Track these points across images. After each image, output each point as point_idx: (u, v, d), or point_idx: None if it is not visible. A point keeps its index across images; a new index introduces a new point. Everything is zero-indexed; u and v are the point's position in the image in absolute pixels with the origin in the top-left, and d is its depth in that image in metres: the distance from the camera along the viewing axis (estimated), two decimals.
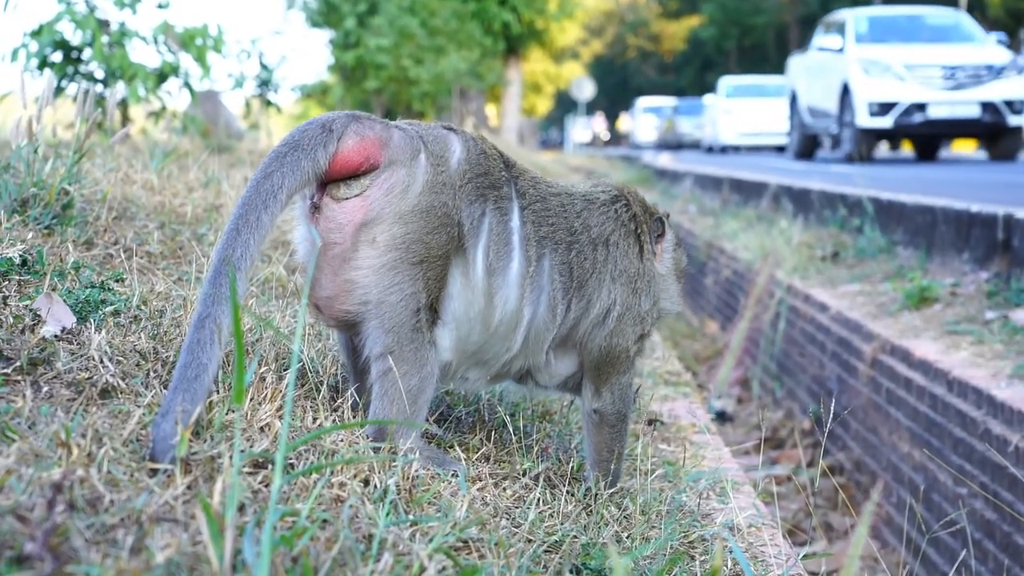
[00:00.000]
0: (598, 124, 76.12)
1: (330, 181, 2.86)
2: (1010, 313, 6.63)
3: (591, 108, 75.91)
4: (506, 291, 3.04)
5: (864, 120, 18.68)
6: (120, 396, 2.64)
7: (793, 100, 23.43)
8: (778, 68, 73.00)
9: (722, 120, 34.77)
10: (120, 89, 10.46)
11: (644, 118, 56.52)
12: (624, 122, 76.24)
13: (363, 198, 2.85)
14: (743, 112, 34.36)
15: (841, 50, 20.02)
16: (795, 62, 23.64)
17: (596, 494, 3.28)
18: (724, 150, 35.51)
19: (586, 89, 50.57)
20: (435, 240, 2.89)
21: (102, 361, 2.74)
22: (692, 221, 16.14)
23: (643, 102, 59.46)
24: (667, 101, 57.67)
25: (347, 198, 2.85)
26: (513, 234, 3.07)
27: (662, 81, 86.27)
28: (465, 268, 2.98)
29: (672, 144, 47.51)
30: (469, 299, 3.00)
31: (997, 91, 18.29)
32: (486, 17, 36.26)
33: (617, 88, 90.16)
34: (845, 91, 19.38)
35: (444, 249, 2.91)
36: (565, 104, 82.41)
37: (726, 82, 36.76)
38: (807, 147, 23.61)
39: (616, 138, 75.57)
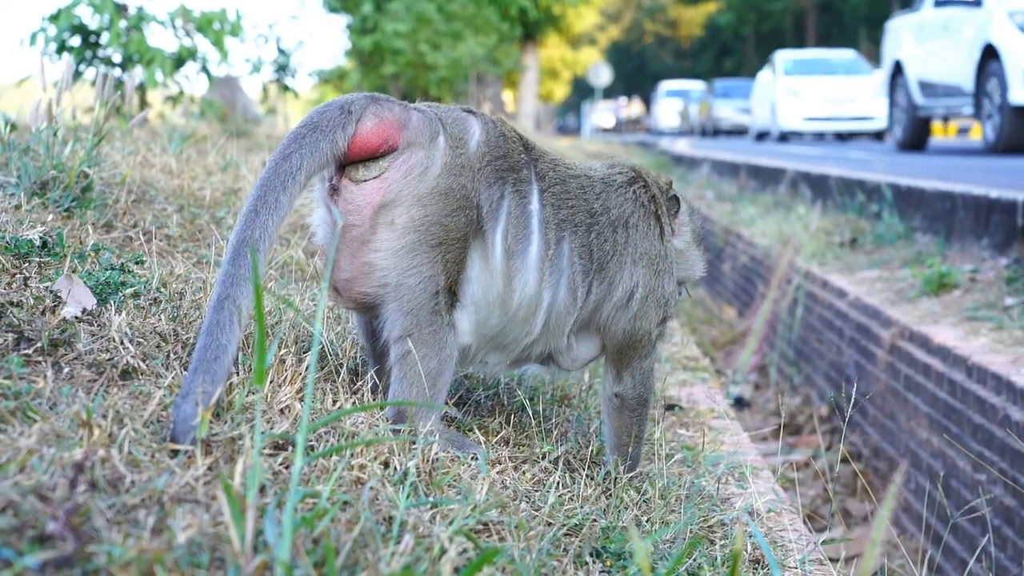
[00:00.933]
0: (622, 107, 73.57)
1: (349, 163, 2.86)
2: None
3: (609, 92, 74.66)
4: (525, 274, 3.03)
5: (1021, 95, 13.45)
6: (140, 377, 2.64)
7: (895, 74, 18.25)
8: None
9: (784, 102, 28.01)
10: (138, 73, 10.46)
11: (666, 103, 52.26)
12: (634, 107, 74.72)
13: (382, 180, 2.85)
14: (812, 92, 27.85)
15: (979, 2, 14.98)
16: (900, 24, 18.37)
17: (616, 478, 3.27)
18: (784, 137, 28.81)
19: (603, 75, 50.46)
20: (454, 222, 2.88)
21: (122, 343, 2.74)
22: (709, 207, 16.10)
23: (666, 85, 55.52)
24: (693, 84, 54.65)
25: (366, 180, 2.85)
26: (532, 217, 3.06)
27: (679, 67, 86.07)
28: (484, 251, 2.97)
29: (706, 130, 42.07)
30: (488, 282, 2.99)
31: None
32: (503, 2, 36.21)
33: (634, 74, 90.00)
34: (988, 57, 14.39)
35: (463, 232, 2.91)
36: (582, 90, 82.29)
37: (785, 56, 30.32)
38: (918, 134, 18.01)
39: (620, 125, 71.39)
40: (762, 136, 31.45)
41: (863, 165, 13.80)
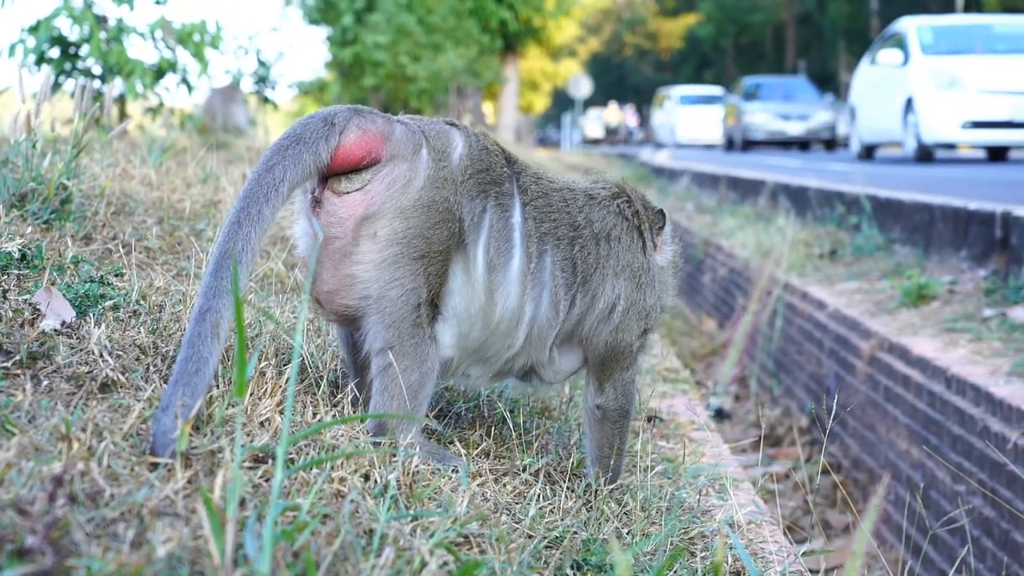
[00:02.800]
0: (613, 114, 66.41)
1: (331, 175, 2.85)
2: (1008, 311, 6.63)
3: (589, 103, 72.90)
4: (507, 288, 3.03)
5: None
6: (120, 390, 2.63)
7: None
8: (776, 67, 73.21)
9: (929, 98, 17.82)
10: (118, 85, 10.45)
11: (684, 112, 44.30)
12: (611, 115, 66.97)
13: (364, 192, 2.85)
14: (978, 79, 17.79)
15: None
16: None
17: (596, 490, 3.27)
18: (926, 154, 18.68)
19: (583, 87, 50.52)
20: (436, 235, 2.89)
21: (102, 355, 2.73)
22: (689, 219, 16.14)
23: (679, 91, 47.42)
24: (712, 90, 47.88)
25: (348, 192, 2.85)
26: (514, 230, 3.06)
27: (659, 79, 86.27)
28: (466, 264, 2.97)
29: (734, 142, 33.90)
30: (470, 295, 2.99)
31: None
32: (483, 14, 36.24)
33: (614, 86, 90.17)
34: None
35: (445, 244, 2.91)
36: (562, 102, 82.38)
37: (920, 26, 19.67)
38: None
39: (626, 134, 64.75)
40: (871, 150, 22.15)
41: (842, 177, 13.85)
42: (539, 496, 3.00)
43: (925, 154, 18.39)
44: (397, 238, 2.85)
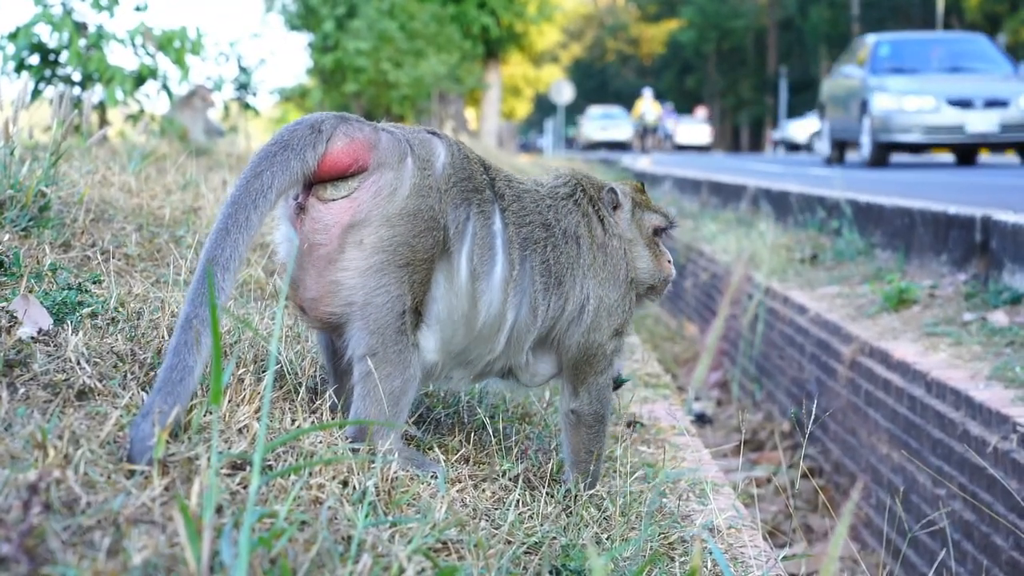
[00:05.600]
0: (650, 108, 43.11)
1: (317, 182, 2.86)
2: (988, 315, 6.65)
3: (573, 109, 70.21)
4: (490, 295, 3.05)
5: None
6: (97, 398, 2.62)
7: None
8: (758, 72, 73.40)
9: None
10: (97, 92, 10.42)
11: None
12: (647, 108, 43.22)
13: (351, 200, 2.86)
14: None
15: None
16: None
17: (576, 495, 3.27)
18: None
19: (565, 92, 50.52)
20: (421, 243, 2.90)
21: (79, 363, 2.73)
22: None
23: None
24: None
25: (334, 199, 2.86)
26: (496, 237, 3.07)
27: (641, 84, 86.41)
28: (449, 272, 2.99)
29: (873, 148, 19.85)
30: (453, 303, 3.00)
31: None
32: (465, 20, 36.26)
33: (596, 91, 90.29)
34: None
35: (430, 252, 2.92)
36: (545, 108, 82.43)
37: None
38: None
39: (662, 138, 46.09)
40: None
41: (823, 182, 13.88)
42: (518, 501, 3.00)
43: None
44: (383, 246, 2.86)
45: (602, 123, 56.98)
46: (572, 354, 3.33)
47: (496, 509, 2.94)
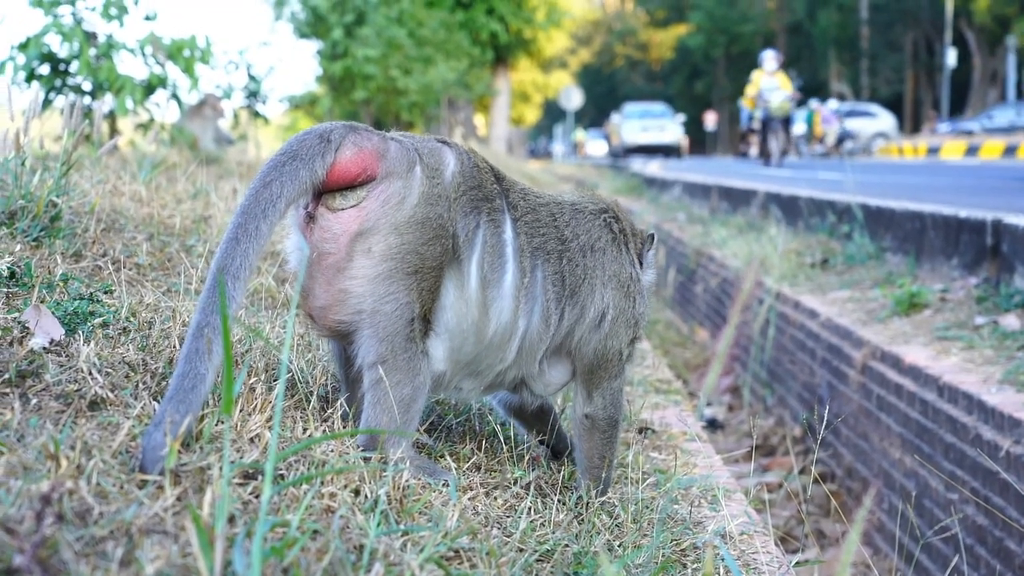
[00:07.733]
0: (776, 86, 25.53)
1: (326, 191, 2.87)
2: (999, 318, 6.63)
3: (581, 116, 70.56)
4: (501, 303, 3.05)
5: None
6: (109, 408, 2.63)
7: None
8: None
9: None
10: (108, 101, 10.45)
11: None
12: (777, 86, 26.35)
13: (359, 209, 2.86)
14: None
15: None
16: None
17: (587, 502, 3.27)
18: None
19: (574, 98, 50.53)
20: (430, 251, 2.90)
21: (91, 373, 2.73)
22: (681, 229, 16.14)
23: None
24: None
25: (343, 208, 2.86)
26: (507, 246, 3.08)
27: (650, 89, 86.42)
28: (459, 280, 2.99)
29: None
30: (463, 310, 3.01)
31: None
32: (474, 27, 36.30)
33: (605, 97, 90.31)
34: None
35: (439, 260, 2.92)
36: (553, 113, 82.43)
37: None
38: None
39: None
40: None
41: (833, 186, 13.86)
42: (530, 509, 3.00)
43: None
44: (391, 254, 2.87)
45: (642, 123, 47.10)
46: (588, 359, 3.34)
47: (508, 517, 2.94)
